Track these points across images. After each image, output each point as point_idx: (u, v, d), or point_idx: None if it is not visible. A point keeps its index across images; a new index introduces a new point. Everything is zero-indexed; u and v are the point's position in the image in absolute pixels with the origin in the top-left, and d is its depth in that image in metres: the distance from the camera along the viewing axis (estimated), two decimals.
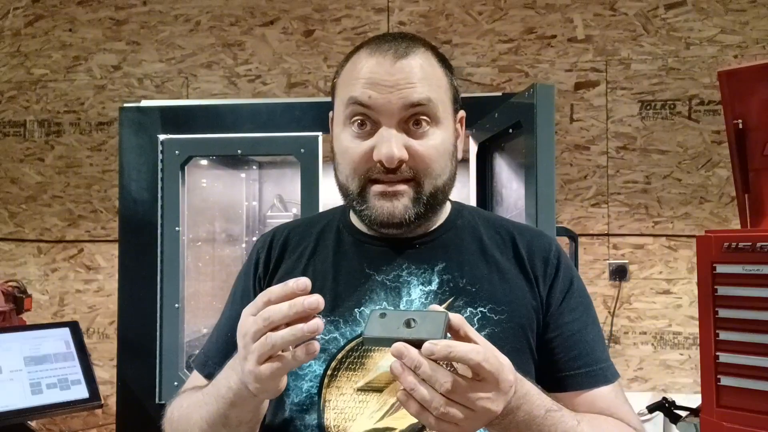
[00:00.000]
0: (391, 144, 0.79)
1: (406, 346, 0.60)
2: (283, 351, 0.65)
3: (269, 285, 0.89)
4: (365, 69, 0.82)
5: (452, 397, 0.60)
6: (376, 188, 0.82)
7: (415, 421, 0.78)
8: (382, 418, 0.79)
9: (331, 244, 0.92)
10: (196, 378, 0.94)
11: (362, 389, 0.81)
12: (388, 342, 0.62)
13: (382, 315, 0.64)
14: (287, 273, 0.91)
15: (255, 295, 0.87)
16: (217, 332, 0.96)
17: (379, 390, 0.80)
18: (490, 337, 0.80)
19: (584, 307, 0.89)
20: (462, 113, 0.91)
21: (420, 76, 0.81)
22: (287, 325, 0.64)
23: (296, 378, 0.83)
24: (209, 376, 0.87)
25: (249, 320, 0.66)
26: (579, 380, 0.85)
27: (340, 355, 0.82)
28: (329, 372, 0.82)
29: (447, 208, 0.93)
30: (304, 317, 0.64)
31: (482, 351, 0.61)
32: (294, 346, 0.65)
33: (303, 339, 0.64)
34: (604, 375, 0.86)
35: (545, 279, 0.88)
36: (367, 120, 0.82)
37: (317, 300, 0.64)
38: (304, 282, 0.65)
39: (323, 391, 0.82)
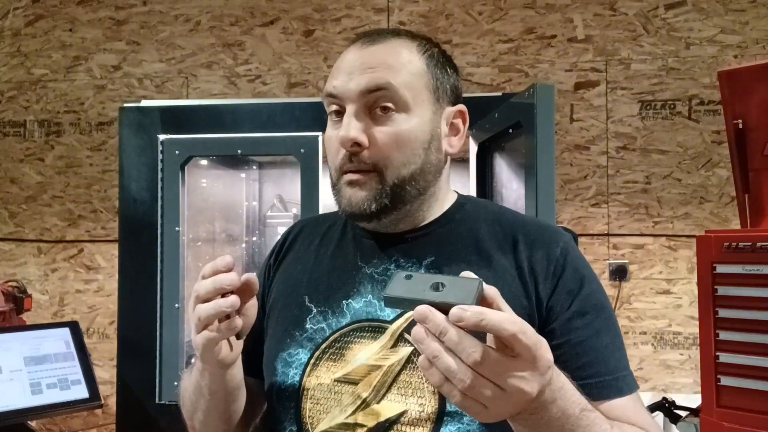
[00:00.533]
0: (348, 127, 0.79)
1: (431, 309, 0.54)
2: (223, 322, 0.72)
3: (275, 274, 0.95)
4: (340, 61, 0.84)
5: (480, 370, 0.54)
6: (346, 176, 0.83)
7: (385, 418, 0.77)
8: (353, 412, 0.79)
9: (335, 238, 0.93)
10: None
11: (339, 380, 0.81)
12: (410, 304, 0.56)
13: (408, 277, 0.59)
14: (291, 263, 0.94)
15: (265, 283, 0.95)
16: None
17: (354, 383, 0.80)
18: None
19: (597, 311, 0.81)
20: (460, 107, 0.88)
21: (382, 61, 0.81)
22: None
23: (285, 365, 0.85)
24: None
25: (192, 295, 0.73)
26: (588, 391, 0.75)
27: (324, 345, 0.83)
28: (312, 361, 0.83)
29: (446, 202, 0.91)
30: (228, 292, 0.71)
31: (519, 321, 0.55)
32: (222, 320, 0.72)
33: (223, 312, 0.70)
34: (618, 386, 0.79)
35: (547, 279, 0.81)
36: (341, 109, 0.83)
37: (231, 278, 0.71)
38: (226, 260, 0.71)
39: (304, 379, 0.83)
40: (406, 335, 0.80)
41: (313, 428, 0.80)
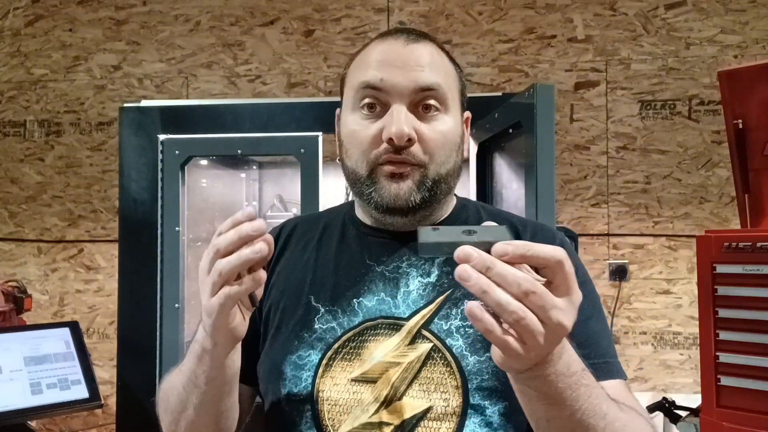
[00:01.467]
0: (401, 121, 0.79)
1: (473, 248, 0.54)
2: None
3: (270, 276, 0.90)
4: (376, 53, 0.84)
5: (529, 302, 0.53)
6: (386, 168, 0.81)
7: (411, 415, 0.77)
8: (376, 411, 0.78)
9: (335, 236, 0.92)
10: None
11: (356, 380, 0.80)
12: (449, 247, 0.55)
13: (435, 228, 0.59)
14: (289, 262, 0.92)
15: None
16: None
17: (373, 381, 0.79)
18: None
19: (588, 299, 0.81)
20: (468, 113, 0.92)
21: (429, 61, 0.83)
22: None
23: (294, 368, 0.82)
24: None
25: (204, 258, 0.67)
26: None
27: (336, 345, 0.82)
28: (324, 362, 0.81)
29: (452, 203, 0.93)
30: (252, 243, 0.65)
31: (561, 249, 0.55)
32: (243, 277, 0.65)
33: (248, 261, 0.64)
34: (609, 369, 0.81)
35: None
36: (377, 102, 0.82)
37: (257, 224, 0.64)
38: (248, 211, 0.66)
39: (317, 381, 0.81)
40: (424, 332, 0.80)
41: (335, 430, 0.79)
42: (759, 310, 1.34)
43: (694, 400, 1.74)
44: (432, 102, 0.82)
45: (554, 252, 0.54)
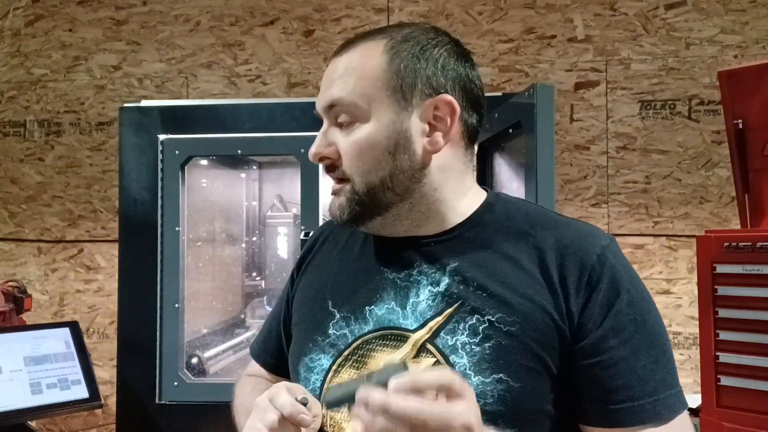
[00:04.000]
0: (313, 144, 0.84)
1: (369, 391, 0.60)
2: None
3: (301, 278, 0.97)
4: None
5: (433, 422, 0.58)
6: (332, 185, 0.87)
7: None
8: None
9: (358, 242, 0.92)
10: (253, 366, 1.06)
11: None
12: (350, 399, 0.62)
13: (339, 385, 0.70)
14: (316, 266, 0.96)
15: (292, 289, 1.00)
16: (268, 324, 1.05)
17: None
18: (495, 349, 0.74)
19: (636, 327, 0.74)
20: (437, 99, 0.79)
21: (341, 73, 0.81)
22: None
23: (307, 370, 0.85)
24: (265, 365, 1.02)
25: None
26: (620, 417, 0.72)
27: (346, 352, 0.82)
28: (334, 367, 0.83)
29: (473, 202, 0.86)
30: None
31: (444, 375, 0.61)
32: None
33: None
34: (655, 411, 0.71)
35: (579, 291, 0.74)
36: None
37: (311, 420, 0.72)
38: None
39: (325, 386, 0.82)
40: (429, 345, 0.78)
41: None
42: (759, 310, 1.34)
43: (694, 400, 1.74)
44: (342, 116, 0.81)
45: (438, 378, 0.60)
